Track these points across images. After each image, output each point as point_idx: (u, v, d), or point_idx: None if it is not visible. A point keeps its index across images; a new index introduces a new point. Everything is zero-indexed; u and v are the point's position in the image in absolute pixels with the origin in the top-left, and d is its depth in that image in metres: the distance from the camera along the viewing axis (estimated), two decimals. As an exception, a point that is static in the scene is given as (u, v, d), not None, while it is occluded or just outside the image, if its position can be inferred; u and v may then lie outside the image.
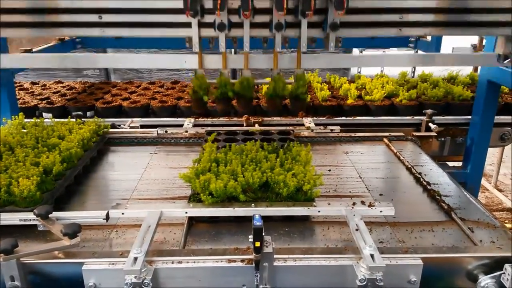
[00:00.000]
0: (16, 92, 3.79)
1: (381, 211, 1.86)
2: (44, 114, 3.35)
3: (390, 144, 2.84)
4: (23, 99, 3.58)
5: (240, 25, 1.83)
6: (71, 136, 2.41)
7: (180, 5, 1.70)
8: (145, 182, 2.33)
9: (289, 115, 3.34)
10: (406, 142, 2.94)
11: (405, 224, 1.93)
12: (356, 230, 1.69)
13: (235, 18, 1.81)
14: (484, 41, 3.91)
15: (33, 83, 4.16)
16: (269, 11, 1.80)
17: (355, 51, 7.10)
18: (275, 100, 2.10)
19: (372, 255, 1.54)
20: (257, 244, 1.50)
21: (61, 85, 4.09)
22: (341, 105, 3.39)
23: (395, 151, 2.73)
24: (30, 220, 1.80)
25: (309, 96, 3.40)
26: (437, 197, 2.14)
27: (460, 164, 3.42)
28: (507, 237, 1.82)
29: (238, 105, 2.14)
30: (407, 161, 2.55)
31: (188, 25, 1.82)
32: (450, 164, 3.47)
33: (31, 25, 1.84)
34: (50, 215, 1.79)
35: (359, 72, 4.80)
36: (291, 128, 2.93)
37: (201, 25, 1.83)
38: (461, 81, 3.92)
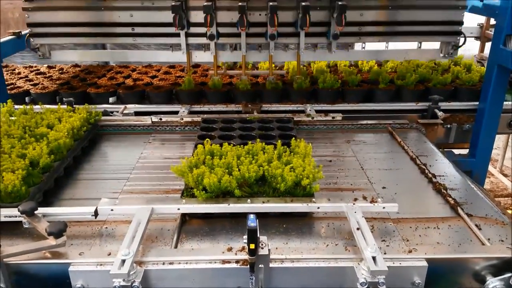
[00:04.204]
0: (7, 76, 3.67)
1: (384, 208, 1.77)
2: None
3: (394, 133, 2.72)
4: (15, 84, 3.45)
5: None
6: (60, 125, 2.31)
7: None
8: (138, 174, 2.24)
9: (289, 101, 3.21)
10: (411, 130, 2.83)
11: (409, 220, 1.84)
12: (358, 229, 1.60)
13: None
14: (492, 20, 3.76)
15: (25, 67, 4.02)
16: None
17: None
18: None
19: (374, 258, 1.45)
20: (252, 246, 1.41)
21: (54, 69, 3.95)
22: (373, 90, 3.26)
23: (399, 140, 2.61)
24: (16, 216, 1.72)
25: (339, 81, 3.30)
26: (443, 190, 2.04)
27: (466, 151, 3.30)
28: (517, 235, 1.73)
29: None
30: (412, 151, 2.44)
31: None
32: (456, 151, 3.35)
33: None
34: (35, 212, 1.70)
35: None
36: (291, 115, 2.81)
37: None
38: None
